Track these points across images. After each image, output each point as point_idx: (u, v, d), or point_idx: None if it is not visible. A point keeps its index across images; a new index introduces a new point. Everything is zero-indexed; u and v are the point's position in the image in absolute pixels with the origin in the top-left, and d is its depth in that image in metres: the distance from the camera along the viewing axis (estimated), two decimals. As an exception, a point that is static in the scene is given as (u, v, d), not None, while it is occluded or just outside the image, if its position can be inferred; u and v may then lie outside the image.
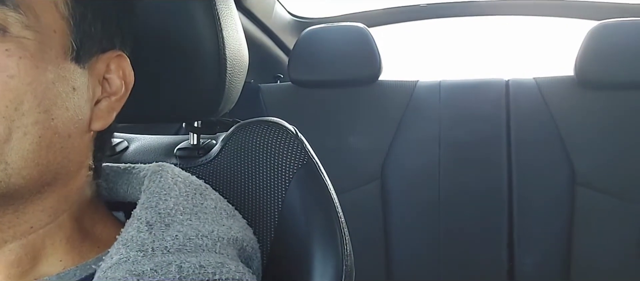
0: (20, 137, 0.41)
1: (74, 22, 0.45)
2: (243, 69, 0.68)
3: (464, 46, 2.38)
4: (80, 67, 0.46)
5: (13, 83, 0.40)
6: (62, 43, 0.44)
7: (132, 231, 0.46)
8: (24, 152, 0.41)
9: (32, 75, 0.41)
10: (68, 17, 0.45)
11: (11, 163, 0.41)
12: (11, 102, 0.40)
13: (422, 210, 1.57)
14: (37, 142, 0.42)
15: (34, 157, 0.42)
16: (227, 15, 0.64)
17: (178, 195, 0.50)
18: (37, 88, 0.41)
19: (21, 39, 0.41)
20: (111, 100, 0.49)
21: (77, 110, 0.45)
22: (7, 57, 0.40)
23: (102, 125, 0.49)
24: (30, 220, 0.45)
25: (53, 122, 0.43)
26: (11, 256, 0.45)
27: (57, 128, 0.43)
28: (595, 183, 1.47)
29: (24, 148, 0.41)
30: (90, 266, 0.46)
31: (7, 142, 0.40)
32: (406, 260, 1.57)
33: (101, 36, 0.48)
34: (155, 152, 0.71)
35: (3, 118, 0.40)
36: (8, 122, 0.40)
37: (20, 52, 0.41)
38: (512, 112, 1.59)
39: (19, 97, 0.40)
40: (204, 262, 0.44)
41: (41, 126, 0.42)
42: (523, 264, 1.50)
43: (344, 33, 1.68)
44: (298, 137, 0.63)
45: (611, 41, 1.48)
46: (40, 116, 0.42)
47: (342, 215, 0.60)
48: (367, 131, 1.63)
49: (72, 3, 0.45)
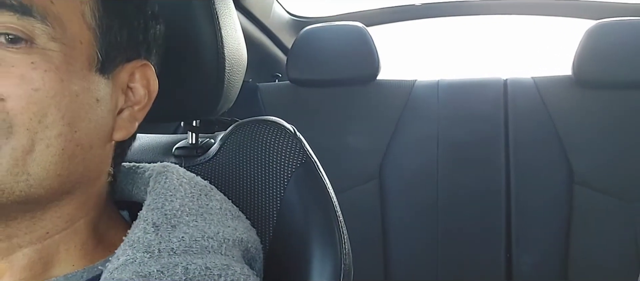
0: (43, 149, 0.41)
1: (100, 32, 0.45)
2: (241, 68, 0.68)
3: (462, 45, 2.38)
4: (105, 78, 0.46)
5: (37, 96, 0.40)
6: (88, 54, 0.44)
7: (139, 232, 0.46)
8: (46, 164, 0.42)
9: (57, 88, 0.41)
10: (95, 27, 0.45)
11: (33, 174, 0.41)
12: (35, 115, 0.40)
13: (420, 210, 1.57)
14: (59, 153, 0.42)
15: (56, 169, 0.42)
16: (226, 14, 0.64)
17: (184, 196, 0.50)
18: (61, 101, 0.42)
19: (47, 51, 0.41)
20: (134, 110, 0.50)
21: (100, 121, 0.46)
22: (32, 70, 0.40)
23: (125, 135, 0.49)
24: (47, 226, 0.45)
25: (76, 134, 0.43)
26: (24, 260, 0.45)
27: (79, 140, 0.44)
28: (593, 182, 1.47)
29: (46, 160, 0.42)
30: (97, 268, 0.46)
31: (30, 153, 0.41)
32: (404, 260, 1.58)
33: (126, 46, 0.48)
34: (154, 151, 0.71)
35: (27, 130, 0.40)
36: (31, 134, 0.41)
37: (45, 64, 0.41)
38: (510, 111, 1.59)
39: (43, 109, 0.41)
40: (209, 264, 0.44)
41: (64, 138, 0.42)
42: (521, 263, 1.50)
43: (342, 32, 1.68)
44: (296, 136, 0.63)
45: (609, 40, 1.49)
46: (64, 129, 0.42)
47: (341, 214, 0.60)
48: (365, 130, 1.63)
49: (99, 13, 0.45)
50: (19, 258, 0.45)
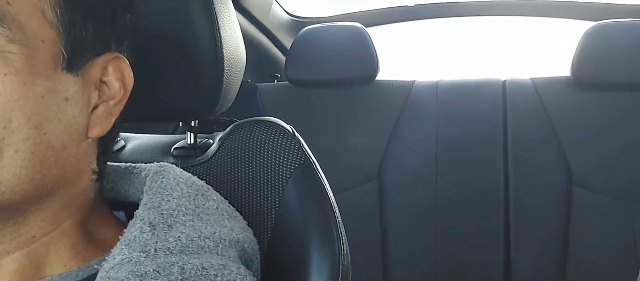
0: (11, 154, 0.40)
1: (63, 28, 0.43)
2: (240, 68, 0.68)
3: (461, 46, 2.38)
4: (73, 75, 0.44)
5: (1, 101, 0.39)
6: (52, 53, 0.42)
7: (135, 231, 0.45)
8: (16, 169, 0.41)
9: (19, 91, 0.40)
10: (57, 24, 0.43)
11: (4, 181, 0.40)
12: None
13: (419, 210, 1.57)
14: (29, 158, 0.41)
15: (28, 173, 0.41)
16: (225, 14, 0.64)
17: (180, 196, 0.49)
18: (26, 104, 0.40)
19: (6, 54, 0.39)
20: (109, 105, 0.48)
21: (72, 120, 0.44)
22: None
23: (100, 131, 0.47)
24: (32, 230, 0.45)
25: (45, 136, 0.42)
26: (14, 265, 0.45)
27: (50, 142, 0.42)
28: (592, 183, 1.47)
29: (16, 165, 0.41)
30: (93, 267, 0.46)
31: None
32: (403, 259, 1.58)
33: (93, 40, 0.46)
34: (152, 151, 0.71)
35: None
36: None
37: (5, 68, 0.39)
38: (509, 112, 1.59)
39: (6, 115, 0.39)
40: (206, 264, 0.44)
41: (32, 142, 0.41)
42: (519, 263, 1.50)
43: (341, 33, 1.68)
44: (295, 136, 0.63)
45: (607, 42, 1.49)
46: (31, 132, 0.41)
47: (339, 215, 0.60)
48: (364, 131, 1.63)
49: (61, 9, 0.43)
50: (8, 263, 0.45)
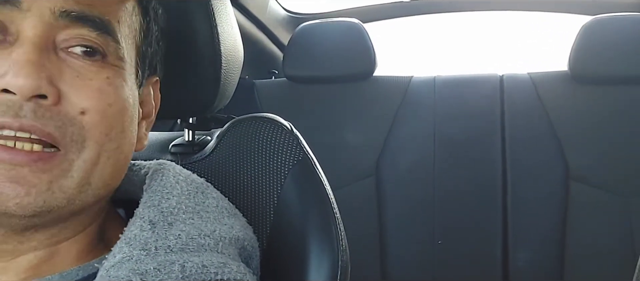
0: (105, 161, 0.43)
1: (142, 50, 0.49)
2: (238, 65, 0.68)
3: (458, 41, 2.38)
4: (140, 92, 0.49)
5: (110, 111, 0.42)
6: (135, 71, 0.48)
7: (135, 229, 0.46)
8: (105, 175, 0.44)
9: (123, 104, 0.44)
10: (139, 46, 0.48)
11: (93, 185, 0.43)
12: (105, 129, 0.42)
13: (416, 205, 1.57)
14: (114, 165, 0.44)
15: (109, 180, 0.45)
16: (222, 11, 0.64)
17: (180, 194, 0.50)
18: (124, 115, 0.44)
19: (116, 67, 0.44)
20: (147, 122, 0.52)
21: (135, 133, 0.48)
22: (108, 85, 0.42)
23: (142, 146, 0.51)
24: (68, 234, 0.46)
25: (126, 146, 0.46)
26: (35, 260, 0.45)
27: (126, 151, 0.46)
28: (589, 177, 1.47)
29: (106, 171, 0.44)
30: (93, 265, 0.46)
31: (95, 166, 0.43)
32: (401, 255, 1.58)
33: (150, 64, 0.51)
34: (151, 148, 0.71)
35: (95, 143, 0.42)
36: (99, 147, 0.42)
37: (117, 80, 0.44)
38: (506, 106, 1.59)
39: (111, 124, 0.43)
40: (206, 262, 0.44)
41: (120, 150, 0.45)
42: (517, 259, 1.51)
43: (339, 29, 1.68)
44: (293, 132, 0.63)
45: (604, 36, 1.49)
46: (121, 141, 0.45)
47: (338, 211, 0.61)
48: (362, 127, 1.63)
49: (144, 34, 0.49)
50: (30, 258, 0.45)
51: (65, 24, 0.41)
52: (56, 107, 0.40)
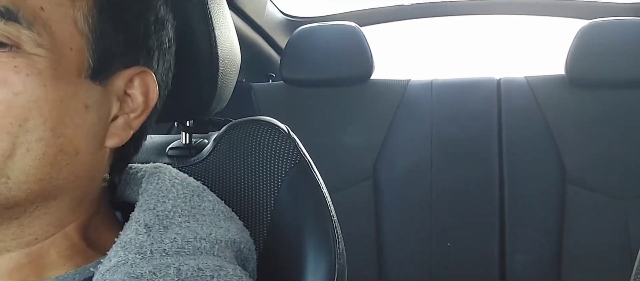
0: (23, 152, 0.41)
1: (93, 38, 0.44)
2: (235, 68, 0.68)
3: (455, 45, 2.39)
4: (97, 84, 0.45)
5: (18, 100, 0.40)
6: (78, 60, 0.44)
7: (131, 233, 0.45)
8: (26, 168, 0.41)
9: (39, 93, 0.41)
10: (87, 33, 0.44)
11: (13, 178, 0.41)
12: (15, 119, 0.40)
13: (414, 209, 1.58)
14: (40, 158, 0.42)
15: (36, 173, 0.42)
16: (220, 14, 0.64)
17: (176, 197, 0.49)
18: (44, 106, 0.41)
19: (33, 56, 0.41)
20: (129, 117, 0.48)
21: (89, 128, 0.45)
22: (14, 74, 0.40)
23: (117, 142, 0.48)
24: (35, 232, 0.45)
25: (59, 140, 0.43)
26: (12, 263, 0.45)
27: (62, 146, 0.43)
28: (586, 180, 1.48)
29: (26, 164, 0.41)
30: (89, 269, 0.46)
31: (10, 158, 0.41)
32: (398, 258, 1.58)
33: (123, 52, 0.47)
34: (147, 151, 0.71)
35: (7, 133, 0.40)
36: (12, 138, 0.40)
37: (28, 69, 0.41)
38: (503, 110, 1.60)
39: (23, 113, 0.40)
40: (202, 265, 0.44)
41: (45, 143, 0.42)
42: (514, 261, 1.51)
43: (336, 32, 1.68)
44: (290, 136, 0.63)
45: (601, 40, 1.49)
46: (45, 133, 0.42)
47: (335, 214, 0.60)
48: (359, 130, 1.63)
49: (93, 19, 0.44)
50: (7, 261, 0.45)
51: None
52: None
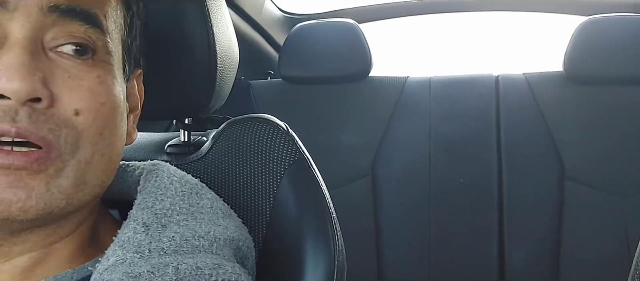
0: (98, 159, 0.42)
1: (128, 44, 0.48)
2: (234, 66, 0.68)
3: (454, 42, 2.38)
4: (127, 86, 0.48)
5: (103, 110, 0.42)
6: (122, 66, 0.47)
7: (129, 232, 0.45)
8: (99, 173, 0.43)
9: (115, 101, 0.43)
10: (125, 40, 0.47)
11: (88, 184, 0.42)
12: (98, 128, 0.42)
13: (412, 206, 1.58)
14: (107, 162, 0.44)
15: (103, 177, 0.44)
16: (218, 11, 0.64)
17: (174, 195, 0.49)
18: (116, 113, 0.44)
19: (105, 64, 0.43)
20: (134, 115, 0.51)
21: (125, 129, 0.47)
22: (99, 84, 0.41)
23: (132, 140, 0.50)
24: (62, 233, 0.45)
25: (118, 142, 0.45)
26: (29, 262, 0.44)
27: (118, 147, 0.46)
28: (584, 178, 1.48)
29: (99, 169, 0.43)
30: (87, 269, 0.46)
31: (89, 165, 0.42)
32: (397, 256, 1.58)
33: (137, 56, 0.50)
34: (146, 148, 0.71)
35: (89, 143, 0.41)
36: (93, 147, 0.42)
37: (109, 78, 0.43)
38: (501, 107, 1.60)
39: (104, 122, 0.42)
40: (200, 263, 0.44)
41: (112, 148, 0.44)
42: (513, 259, 1.51)
43: (335, 29, 1.68)
44: (289, 133, 0.63)
45: (600, 36, 1.49)
46: (113, 138, 0.44)
47: (334, 211, 0.61)
48: (357, 127, 1.63)
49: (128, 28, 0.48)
50: (25, 260, 0.44)
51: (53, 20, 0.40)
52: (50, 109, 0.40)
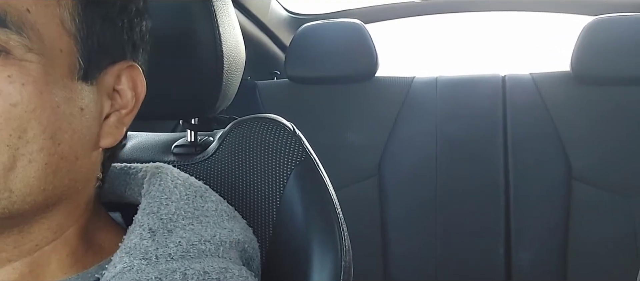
0: (25, 164, 0.40)
1: (81, 37, 0.43)
2: (240, 66, 0.68)
3: (460, 42, 2.38)
4: (88, 84, 0.44)
5: (16, 111, 0.38)
6: (69, 62, 0.42)
7: (135, 238, 0.45)
8: (29, 180, 0.40)
9: (36, 101, 0.39)
10: (75, 33, 0.42)
11: (15, 191, 0.40)
12: (15, 131, 0.39)
13: (419, 206, 1.57)
14: (42, 168, 0.41)
15: (40, 184, 0.41)
16: (224, 11, 0.64)
17: (179, 199, 0.49)
18: (42, 114, 0.40)
19: (24, 62, 0.39)
20: (121, 114, 0.47)
21: (85, 130, 0.43)
22: (9, 84, 0.38)
23: (112, 141, 0.46)
24: (36, 239, 0.44)
25: (59, 147, 0.41)
26: (15, 274, 0.44)
27: (63, 153, 0.42)
28: (591, 178, 1.47)
29: (29, 175, 0.40)
30: (93, 275, 0.45)
31: (12, 170, 0.39)
32: (403, 256, 1.58)
33: (110, 48, 0.45)
34: (153, 149, 0.71)
35: (7, 146, 0.38)
36: (12, 151, 0.39)
37: (23, 78, 0.39)
38: (508, 107, 1.59)
39: (22, 125, 0.39)
40: (207, 268, 0.44)
41: (47, 152, 0.41)
42: (520, 259, 1.51)
43: (341, 29, 1.68)
44: (296, 133, 0.63)
45: (607, 36, 1.49)
46: (46, 142, 0.40)
47: (341, 211, 0.60)
48: (364, 127, 1.63)
49: (79, 18, 0.43)
50: (9, 272, 0.44)
51: None
52: None
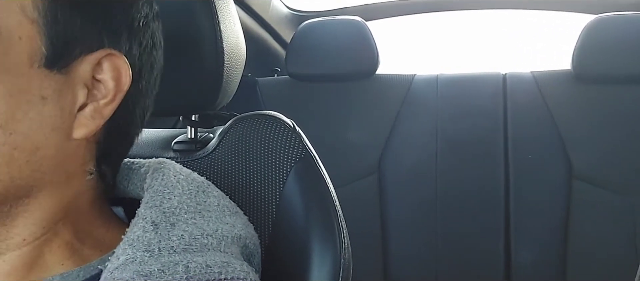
0: None
1: (45, 24, 0.41)
2: (240, 63, 0.68)
3: (461, 40, 2.38)
4: (55, 73, 0.42)
5: None
6: (29, 50, 0.40)
7: (138, 231, 0.45)
8: None
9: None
10: (38, 20, 0.41)
11: None
12: None
13: (419, 204, 1.58)
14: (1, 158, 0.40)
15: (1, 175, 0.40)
16: (225, 9, 0.64)
17: (181, 194, 0.49)
18: None
19: None
20: (99, 105, 0.45)
21: (48, 120, 0.42)
22: None
23: (85, 132, 0.44)
24: (22, 233, 0.44)
25: (11, 136, 0.40)
26: (6, 266, 0.44)
27: (17, 143, 0.40)
28: (592, 177, 1.47)
29: None
30: (96, 267, 0.46)
31: None
32: (403, 253, 1.58)
33: (82, 36, 0.43)
34: (153, 145, 0.71)
35: None
36: None
37: None
38: (509, 105, 1.59)
39: None
40: (210, 261, 0.44)
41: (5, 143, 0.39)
42: (520, 257, 1.51)
43: (342, 26, 1.67)
44: (296, 130, 0.63)
45: (608, 35, 1.48)
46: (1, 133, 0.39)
47: (340, 209, 0.61)
48: (364, 125, 1.63)
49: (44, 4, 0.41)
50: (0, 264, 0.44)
51: None
52: None
